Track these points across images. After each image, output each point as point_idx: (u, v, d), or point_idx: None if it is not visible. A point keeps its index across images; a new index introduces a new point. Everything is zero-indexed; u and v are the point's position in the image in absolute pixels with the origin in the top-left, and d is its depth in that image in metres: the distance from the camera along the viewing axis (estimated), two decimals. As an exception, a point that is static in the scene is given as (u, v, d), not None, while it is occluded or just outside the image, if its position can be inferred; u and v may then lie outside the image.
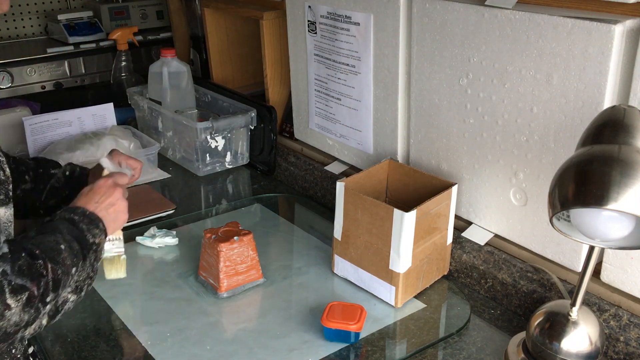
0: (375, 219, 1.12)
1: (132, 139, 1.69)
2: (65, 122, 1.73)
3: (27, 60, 2.08)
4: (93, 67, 2.21)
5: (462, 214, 1.26)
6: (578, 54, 0.97)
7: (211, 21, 1.90)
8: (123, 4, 2.31)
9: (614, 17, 0.94)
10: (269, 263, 1.28)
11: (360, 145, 1.45)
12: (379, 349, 1.06)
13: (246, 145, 1.73)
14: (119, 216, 1.05)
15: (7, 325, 0.80)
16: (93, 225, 0.98)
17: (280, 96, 1.75)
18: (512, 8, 1.04)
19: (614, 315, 1.00)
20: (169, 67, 1.77)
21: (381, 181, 1.30)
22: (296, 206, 1.60)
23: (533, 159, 1.09)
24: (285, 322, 1.12)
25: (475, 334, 1.09)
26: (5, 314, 0.79)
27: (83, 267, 0.95)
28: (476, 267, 1.19)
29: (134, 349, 1.06)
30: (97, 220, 0.99)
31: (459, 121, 1.19)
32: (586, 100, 0.98)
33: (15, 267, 0.81)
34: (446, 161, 1.25)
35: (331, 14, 1.39)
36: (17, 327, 0.82)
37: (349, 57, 1.38)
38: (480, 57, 1.11)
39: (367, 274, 1.17)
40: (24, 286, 0.81)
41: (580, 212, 0.84)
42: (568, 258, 1.08)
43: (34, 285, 0.83)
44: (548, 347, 0.94)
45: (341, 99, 1.45)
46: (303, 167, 1.62)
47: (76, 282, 0.95)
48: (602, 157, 0.80)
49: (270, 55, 1.69)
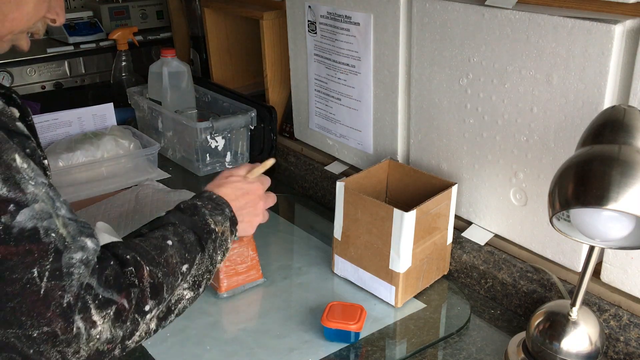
0: (375, 218, 1.12)
1: (132, 139, 1.69)
2: (65, 122, 1.73)
3: (27, 60, 2.08)
4: (93, 67, 2.21)
5: (462, 214, 1.26)
6: (578, 54, 0.97)
7: (211, 21, 1.90)
8: (123, 4, 2.31)
9: (614, 17, 0.94)
10: (269, 263, 1.28)
11: (360, 145, 1.45)
12: (379, 349, 1.06)
13: (246, 145, 1.73)
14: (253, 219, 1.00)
15: (99, 344, 0.72)
16: (218, 211, 0.91)
17: (280, 96, 1.75)
18: (512, 8, 1.04)
19: (614, 315, 1.00)
20: (169, 67, 1.77)
21: (381, 181, 1.30)
22: (296, 206, 1.60)
23: (533, 159, 1.09)
24: (285, 322, 1.12)
25: (475, 334, 1.09)
26: (92, 332, 0.71)
27: (202, 260, 0.87)
28: (476, 267, 1.19)
29: (133, 349, 1.06)
30: (223, 205, 0.92)
31: (459, 121, 1.19)
32: (586, 100, 0.98)
33: (102, 279, 0.73)
34: (446, 161, 1.25)
35: (331, 14, 1.39)
36: (112, 344, 0.74)
37: (349, 57, 1.38)
38: (480, 57, 1.11)
39: (367, 273, 1.17)
40: (110, 300, 0.73)
41: (580, 212, 0.84)
42: (568, 258, 1.08)
43: (123, 297, 0.74)
44: (548, 347, 0.94)
45: (341, 99, 1.45)
46: (303, 167, 1.62)
47: (194, 277, 0.86)
48: (602, 157, 0.80)
49: (270, 55, 1.69)
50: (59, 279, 0.69)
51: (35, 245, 0.68)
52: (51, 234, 0.70)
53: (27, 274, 0.67)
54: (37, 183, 0.71)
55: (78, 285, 0.70)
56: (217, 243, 0.90)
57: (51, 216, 0.71)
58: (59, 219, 0.72)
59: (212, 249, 0.89)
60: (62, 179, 1.57)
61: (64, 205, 0.74)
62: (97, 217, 1.45)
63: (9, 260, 0.67)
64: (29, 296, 0.67)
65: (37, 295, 0.68)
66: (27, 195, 0.69)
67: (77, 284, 0.70)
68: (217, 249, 0.90)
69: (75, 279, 0.70)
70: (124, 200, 1.52)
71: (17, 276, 0.67)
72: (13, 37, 0.82)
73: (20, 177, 0.69)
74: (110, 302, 0.73)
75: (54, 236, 0.70)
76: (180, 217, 0.88)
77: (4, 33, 0.81)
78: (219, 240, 0.90)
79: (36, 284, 0.68)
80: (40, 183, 0.72)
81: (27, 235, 0.68)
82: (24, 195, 0.69)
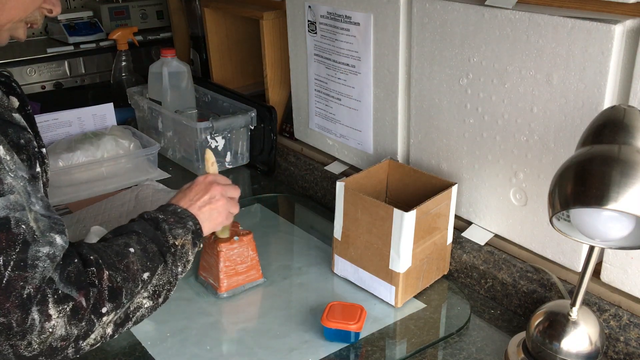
0: (375, 218, 1.12)
1: (132, 139, 1.69)
2: (65, 122, 1.73)
3: (27, 60, 2.08)
4: (93, 67, 2.21)
5: (462, 214, 1.26)
6: (578, 54, 0.97)
7: (211, 21, 1.90)
8: (123, 4, 2.31)
9: (614, 17, 0.94)
10: (269, 263, 1.28)
11: (360, 145, 1.45)
12: (379, 349, 1.06)
13: (246, 145, 1.73)
14: (214, 215, 1.00)
15: (51, 339, 0.72)
16: (179, 225, 0.92)
17: (280, 96, 1.75)
18: (512, 8, 1.04)
19: (614, 315, 1.00)
20: (169, 67, 1.77)
21: (381, 181, 1.30)
22: (296, 206, 1.60)
23: (533, 159, 1.09)
24: (285, 322, 1.12)
25: (475, 334, 1.09)
26: (45, 325, 0.71)
27: (164, 271, 0.88)
28: (476, 267, 1.19)
29: (133, 348, 1.06)
30: (187, 218, 0.94)
31: (459, 121, 1.19)
32: (586, 100, 0.98)
33: (64, 274, 0.74)
34: (446, 161, 1.25)
35: (331, 14, 1.39)
36: (66, 342, 0.74)
37: (349, 57, 1.38)
38: (480, 57, 1.11)
39: (367, 273, 1.17)
40: (69, 296, 0.74)
41: (580, 212, 0.84)
42: (568, 258, 1.08)
43: (82, 295, 0.75)
44: (548, 347, 0.94)
45: (341, 99, 1.45)
46: (303, 167, 1.62)
47: (154, 286, 0.88)
48: (602, 157, 0.80)
49: (270, 55, 1.69)
50: (23, 269, 0.70)
51: (4, 234, 0.70)
52: (22, 225, 0.71)
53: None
54: (16, 176, 0.73)
55: (40, 278, 0.71)
56: (177, 256, 0.92)
57: (24, 209, 0.72)
58: (32, 214, 0.73)
59: (172, 261, 0.91)
60: (62, 179, 1.57)
61: (39, 202, 0.76)
62: (97, 217, 1.45)
63: None
64: None
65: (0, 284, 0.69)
66: (4, 186, 0.71)
67: (39, 277, 0.71)
68: (177, 261, 0.92)
69: (39, 271, 0.71)
70: (124, 200, 1.52)
71: None
72: (11, 26, 0.84)
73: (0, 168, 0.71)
74: (68, 297, 0.74)
75: (24, 227, 0.71)
76: (144, 227, 0.90)
77: (3, 22, 0.83)
78: (178, 252, 0.92)
79: (0, 272, 0.69)
80: (19, 177, 0.74)
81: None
82: (1, 185, 0.71)
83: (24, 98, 0.92)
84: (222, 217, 1.03)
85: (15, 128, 0.78)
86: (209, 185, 1.02)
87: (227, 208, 1.04)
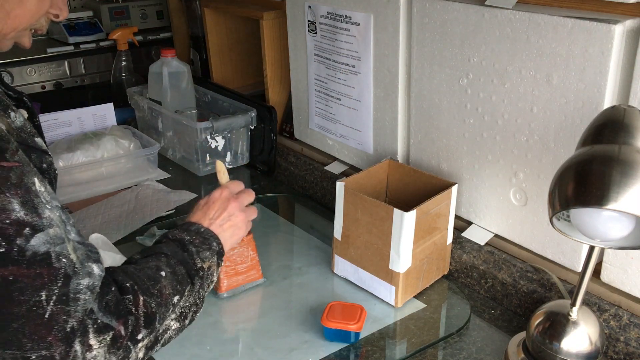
0: (375, 218, 1.12)
1: (132, 139, 1.69)
2: (65, 122, 1.73)
3: (27, 60, 2.08)
4: (93, 67, 2.21)
5: (462, 214, 1.26)
6: (578, 54, 0.97)
7: (211, 21, 1.90)
8: (123, 4, 2.31)
9: (614, 17, 0.94)
10: (269, 263, 1.28)
11: (360, 145, 1.45)
12: (379, 349, 1.06)
13: (246, 145, 1.73)
14: (235, 232, 1.01)
15: None
16: (205, 247, 0.93)
17: (280, 96, 1.75)
18: (512, 8, 1.04)
19: (614, 315, 1.00)
20: (169, 67, 1.77)
21: (381, 181, 1.30)
22: (296, 206, 1.60)
23: (533, 159, 1.09)
24: (285, 322, 1.12)
25: (475, 334, 1.09)
26: (87, 356, 0.71)
27: (190, 293, 0.88)
28: (476, 267, 1.19)
29: None
30: (211, 238, 0.95)
31: (459, 121, 1.19)
32: (586, 100, 0.98)
33: (102, 303, 0.74)
34: (446, 161, 1.25)
35: (331, 14, 1.39)
36: None
37: (349, 57, 1.38)
38: (480, 57, 1.11)
39: (367, 273, 1.17)
40: (109, 325, 0.73)
41: (580, 212, 0.84)
42: (568, 258, 1.08)
43: (121, 323, 0.75)
44: (548, 347, 0.94)
45: (341, 99, 1.45)
46: (303, 167, 1.62)
47: (181, 307, 0.88)
48: (602, 157, 0.80)
49: (270, 55, 1.69)
50: (65, 303, 0.70)
51: (46, 269, 0.69)
52: (62, 259, 0.71)
53: (34, 297, 0.68)
54: (52, 207, 0.73)
55: (83, 311, 0.71)
56: (204, 279, 0.92)
57: (64, 241, 0.72)
58: (70, 244, 0.73)
59: (200, 285, 0.91)
60: (62, 179, 1.56)
61: (73, 228, 0.76)
62: (97, 217, 1.45)
63: (19, 281, 0.68)
64: (34, 319, 0.68)
65: (42, 319, 0.69)
66: (43, 220, 0.70)
67: (81, 310, 0.71)
68: (204, 284, 0.93)
69: (81, 304, 0.71)
70: (124, 200, 1.52)
71: (25, 298, 0.68)
72: (16, 34, 0.83)
73: (38, 201, 0.71)
74: (108, 327, 0.73)
75: (64, 261, 0.71)
76: (172, 249, 0.90)
77: (7, 31, 0.81)
78: (205, 275, 0.92)
79: (42, 307, 0.68)
80: (55, 206, 0.73)
81: (40, 259, 0.69)
82: (40, 220, 0.70)
83: (34, 111, 0.92)
84: (242, 231, 1.04)
85: (38, 153, 0.79)
86: (226, 201, 1.02)
87: (246, 219, 1.05)
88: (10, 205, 0.68)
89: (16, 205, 0.68)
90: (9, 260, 0.67)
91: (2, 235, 0.67)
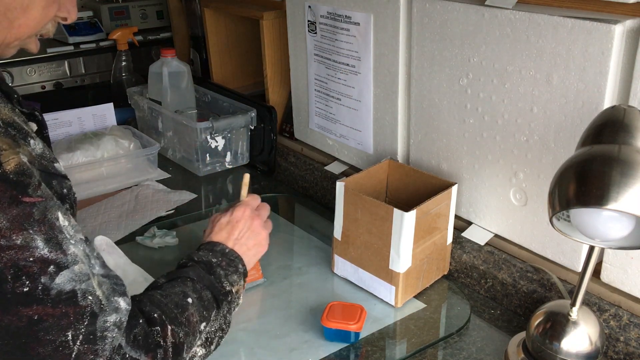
0: (375, 218, 1.12)
1: (132, 139, 1.69)
2: (65, 122, 1.73)
3: (27, 60, 2.08)
4: (93, 67, 2.21)
5: (462, 214, 1.26)
6: (578, 54, 0.97)
7: (211, 21, 1.90)
8: (123, 4, 2.31)
9: (614, 17, 0.94)
10: (269, 263, 1.28)
11: (360, 145, 1.45)
12: (379, 349, 1.06)
13: (246, 145, 1.73)
14: (259, 250, 1.01)
15: None
16: (232, 269, 0.92)
17: (280, 96, 1.75)
18: (512, 8, 1.04)
19: (614, 315, 1.00)
20: (169, 67, 1.77)
21: (381, 181, 1.30)
22: (296, 206, 1.60)
23: (533, 159, 1.09)
24: (285, 322, 1.12)
25: (475, 334, 1.09)
26: None
27: (216, 317, 0.87)
28: (476, 267, 1.19)
29: None
30: (237, 260, 0.94)
31: (459, 121, 1.19)
32: (586, 100, 0.98)
33: (130, 337, 0.72)
34: (446, 161, 1.25)
35: (331, 14, 1.39)
36: None
37: (349, 57, 1.38)
38: (480, 57, 1.11)
39: (367, 273, 1.17)
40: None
41: (580, 212, 0.84)
42: (568, 258, 1.08)
43: (150, 357, 0.74)
44: (548, 347, 0.94)
45: (341, 99, 1.45)
46: (303, 167, 1.62)
47: (207, 333, 0.86)
48: (602, 157, 0.80)
49: (270, 55, 1.69)
50: (93, 342, 0.68)
51: (72, 308, 0.68)
52: (88, 296, 0.69)
53: (61, 337, 0.67)
54: (76, 241, 0.71)
55: (110, 349, 0.70)
56: (232, 304, 0.91)
57: (89, 277, 0.70)
58: (95, 279, 0.71)
59: (227, 310, 0.90)
60: (62, 179, 1.57)
61: (97, 260, 0.74)
62: (97, 217, 1.45)
63: (45, 321, 0.66)
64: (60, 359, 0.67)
65: (68, 358, 0.67)
66: (68, 257, 0.68)
67: (109, 348, 0.70)
68: (232, 308, 0.92)
69: (109, 342, 0.70)
70: (124, 200, 1.52)
71: (51, 338, 0.66)
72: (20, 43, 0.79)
73: (62, 238, 0.69)
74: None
75: (90, 299, 0.69)
76: (198, 274, 0.88)
77: (11, 40, 0.77)
78: (233, 299, 0.91)
79: (69, 347, 0.67)
80: (79, 240, 0.71)
81: (65, 297, 0.67)
82: (64, 257, 0.68)
83: (44, 123, 0.90)
84: (264, 248, 1.03)
85: (58, 179, 0.77)
86: (249, 220, 1.00)
87: (267, 236, 1.05)
88: (34, 243, 0.65)
89: (40, 242, 0.66)
90: (33, 300, 0.65)
91: (26, 274, 0.65)
